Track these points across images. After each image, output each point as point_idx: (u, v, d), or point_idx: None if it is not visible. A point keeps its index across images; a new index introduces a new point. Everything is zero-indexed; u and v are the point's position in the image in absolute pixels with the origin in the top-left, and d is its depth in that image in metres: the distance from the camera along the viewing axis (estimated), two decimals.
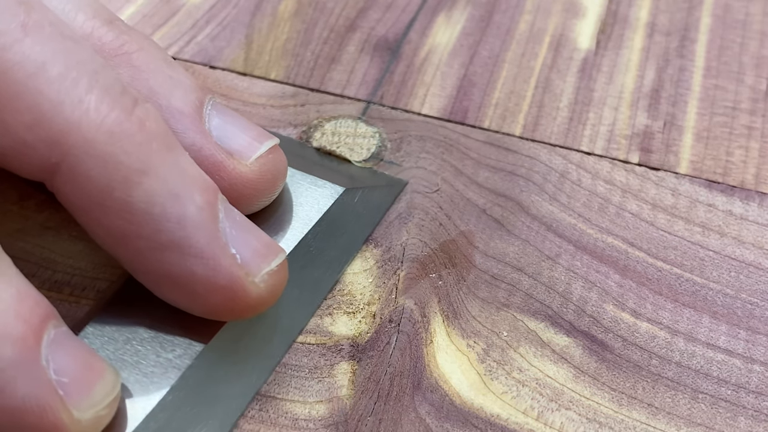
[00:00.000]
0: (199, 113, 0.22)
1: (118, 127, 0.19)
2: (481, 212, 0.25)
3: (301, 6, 0.32)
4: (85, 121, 0.19)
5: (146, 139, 0.19)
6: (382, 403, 0.20)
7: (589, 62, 0.30)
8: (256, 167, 0.22)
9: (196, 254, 0.19)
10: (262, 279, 0.20)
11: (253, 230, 0.20)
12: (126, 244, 0.19)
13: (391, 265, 0.23)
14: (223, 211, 0.20)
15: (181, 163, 0.20)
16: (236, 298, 0.19)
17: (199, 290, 0.19)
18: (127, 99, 0.19)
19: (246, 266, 0.19)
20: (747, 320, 0.23)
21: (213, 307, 0.20)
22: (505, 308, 0.23)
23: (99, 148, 0.19)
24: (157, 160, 0.19)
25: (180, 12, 0.31)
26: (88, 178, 0.19)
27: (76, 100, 0.19)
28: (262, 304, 0.20)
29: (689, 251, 0.24)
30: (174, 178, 0.19)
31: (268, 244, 0.20)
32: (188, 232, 0.19)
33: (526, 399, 0.21)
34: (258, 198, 0.22)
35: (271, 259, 0.20)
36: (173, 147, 0.20)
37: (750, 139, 0.27)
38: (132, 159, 0.19)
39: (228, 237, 0.19)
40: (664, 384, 0.21)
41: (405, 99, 0.28)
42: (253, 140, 0.22)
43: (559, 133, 0.27)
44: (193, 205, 0.19)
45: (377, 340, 0.22)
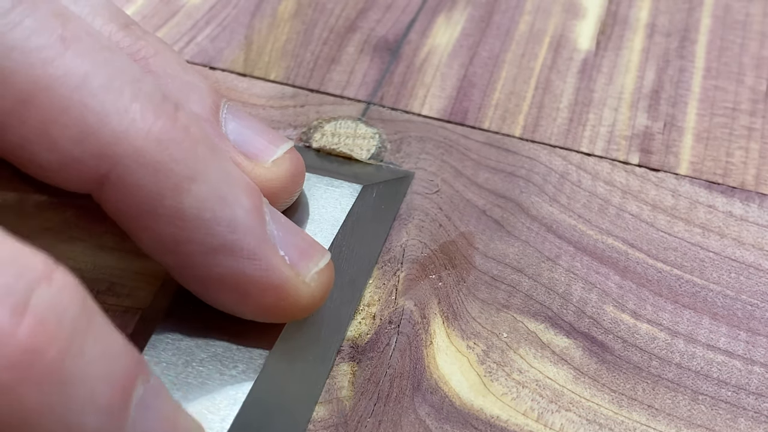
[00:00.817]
0: (216, 117, 0.22)
1: (166, 135, 0.19)
2: (481, 213, 0.25)
3: (301, 7, 0.32)
4: (132, 130, 0.18)
5: (192, 144, 0.19)
6: (382, 405, 0.20)
7: (589, 63, 0.30)
8: (274, 169, 0.22)
9: (248, 256, 0.19)
10: (312, 278, 0.20)
11: (298, 231, 0.21)
12: (177, 250, 0.19)
13: (390, 266, 0.23)
14: (269, 213, 0.20)
15: (226, 166, 0.20)
16: (288, 297, 0.20)
17: (251, 291, 0.19)
18: (169, 105, 0.19)
19: (295, 266, 0.20)
20: (747, 321, 0.23)
21: (266, 309, 0.20)
22: (505, 309, 0.23)
23: (148, 156, 0.18)
24: (204, 165, 0.19)
25: (180, 13, 0.31)
26: (138, 187, 0.19)
27: (122, 110, 0.18)
28: (314, 303, 0.20)
29: (689, 252, 0.24)
30: (221, 182, 0.19)
31: (312, 245, 0.21)
32: (239, 234, 0.19)
33: (526, 400, 0.21)
34: (279, 200, 0.22)
35: (318, 258, 0.20)
36: (216, 151, 0.20)
37: (750, 140, 0.27)
38: (181, 166, 0.19)
39: (276, 238, 0.20)
40: (664, 385, 0.21)
41: (405, 100, 0.28)
42: (270, 143, 0.22)
43: (559, 134, 0.27)
44: (242, 208, 0.19)
45: (377, 341, 0.22)
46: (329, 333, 0.22)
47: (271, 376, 0.20)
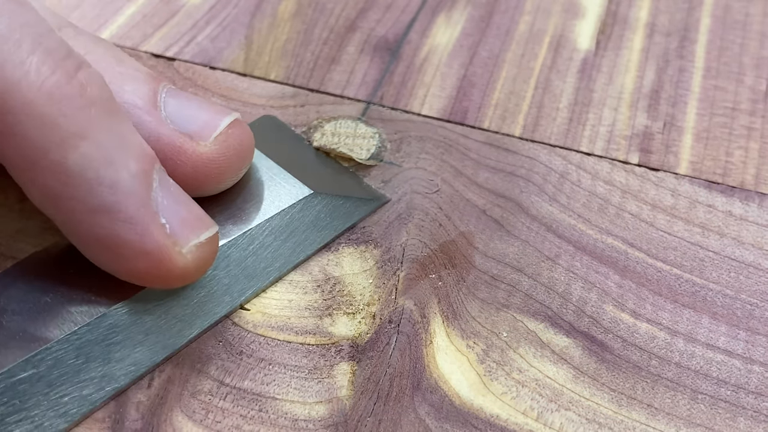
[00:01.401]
0: (152, 103, 0.22)
1: (58, 90, 0.19)
2: (480, 213, 0.25)
3: (301, 7, 0.32)
4: (24, 82, 0.19)
5: (86, 103, 0.19)
6: (382, 404, 0.20)
7: (588, 63, 0.30)
8: (216, 146, 0.22)
9: (126, 219, 0.20)
10: (189, 250, 0.20)
11: (187, 202, 0.21)
12: (59, 205, 0.20)
13: (390, 265, 0.23)
14: (157, 181, 0.20)
15: (119, 129, 0.20)
16: (161, 265, 0.20)
17: (126, 254, 0.20)
18: (70, 63, 0.20)
19: (174, 236, 0.20)
20: (746, 321, 0.23)
21: (138, 273, 0.20)
22: (505, 309, 0.23)
23: (37, 109, 0.19)
24: (95, 126, 0.19)
25: (180, 12, 0.31)
26: (25, 138, 0.19)
27: (17, 61, 0.19)
28: (187, 275, 0.21)
29: (689, 252, 0.24)
30: (110, 144, 0.20)
31: (199, 217, 0.21)
32: (119, 197, 0.19)
33: (525, 399, 0.21)
34: (224, 176, 0.23)
35: (200, 231, 0.21)
36: (114, 113, 0.20)
37: (750, 140, 0.27)
38: (70, 122, 0.19)
39: (159, 206, 0.20)
40: (663, 384, 0.21)
41: (405, 99, 0.28)
42: (211, 119, 0.22)
43: (559, 133, 0.27)
44: (127, 171, 0.20)
45: (377, 340, 0.22)
46: (198, 313, 0.22)
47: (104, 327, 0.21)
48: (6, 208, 0.23)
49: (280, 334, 0.22)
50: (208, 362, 0.21)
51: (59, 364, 0.20)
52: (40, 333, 0.20)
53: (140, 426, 0.20)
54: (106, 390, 0.20)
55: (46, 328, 0.20)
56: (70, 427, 0.20)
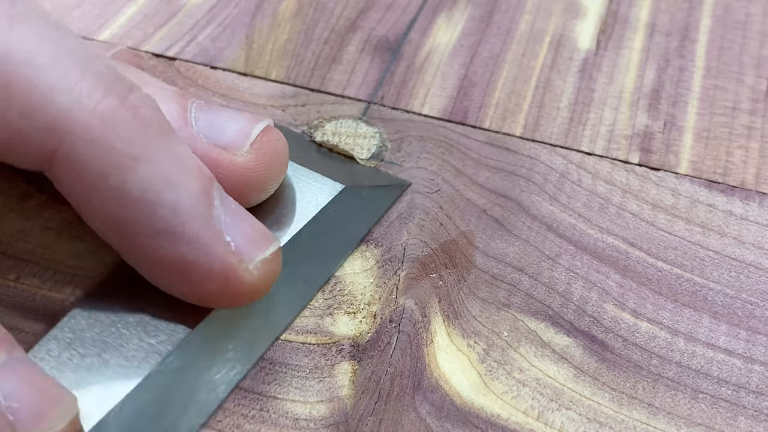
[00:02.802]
0: (183, 119, 0.22)
1: (112, 113, 0.19)
2: (481, 212, 0.25)
3: (302, 6, 0.32)
4: (77, 107, 0.19)
5: (141, 125, 0.19)
6: (383, 403, 0.21)
7: (589, 62, 0.30)
8: (252, 154, 0.22)
9: (190, 240, 0.19)
10: (256, 267, 0.20)
11: (248, 218, 0.20)
12: (121, 230, 0.20)
13: (391, 265, 0.23)
14: (218, 199, 0.20)
15: (176, 150, 0.20)
16: (230, 285, 0.20)
17: (193, 277, 0.20)
18: (121, 85, 0.19)
19: (240, 253, 0.20)
20: (747, 320, 0.23)
21: (206, 294, 0.20)
22: (506, 308, 0.23)
23: (93, 133, 0.19)
24: (151, 147, 0.19)
25: (181, 12, 0.31)
26: (83, 163, 0.19)
27: (67, 87, 0.19)
28: (256, 291, 0.20)
29: (689, 251, 0.24)
30: (169, 164, 0.19)
31: (262, 233, 0.20)
32: (182, 218, 0.19)
33: (526, 399, 0.21)
34: (264, 183, 0.22)
35: (265, 247, 0.20)
36: (168, 134, 0.20)
37: (750, 139, 0.27)
38: (126, 145, 0.19)
39: (222, 224, 0.20)
40: (664, 384, 0.21)
41: (405, 99, 0.28)
42: (243, 127, 0.22)
43: (560, 133, 0.27)
44: (188, 191, 0.19)
45: (378, 340, 0.22)
46: (265, 325, 0.22)
47: (187, 353, 0.20)
48: (6, 208, 0.24)
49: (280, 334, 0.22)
50: None
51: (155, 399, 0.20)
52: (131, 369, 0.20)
53: None
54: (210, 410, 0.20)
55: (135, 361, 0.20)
56: None
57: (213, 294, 0.20)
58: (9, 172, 0.24)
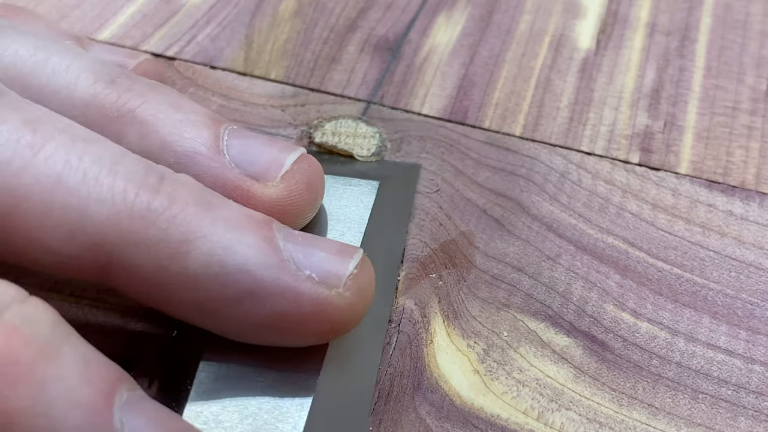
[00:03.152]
0: (215, 148, 0.21)
1: (148, 208, 0.18)
2: (481, 212, 0.25)
3: (302, 6, 0.32)
4: (114, 214, 0.18)
5: (181, 207, 0.19)
6: (383, 403, 0.20)
7: (589, 62, 0.30)
8: (284, 184, 0.21)
9: (272, 293, 0.18)
10: (347, 287, 0.19)
11: (319, 243, 0.20)
12: (203, 310, 0.19)
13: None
14: (281, 239, 0.19)
15: (223, 213, 0.19)
16: (328, 317, 0.19)
17: (289, 325, 0.19)
18: (152, 178, 0.19)
19: (325, 281, 0.19)
20: (747, 320, 0.23)
21: (310, 335, 0.19)
22: (506, 308, 0.23)
23: (137, 235, 0.18)
24: (197, 223, 0.18)
25: (180, 12, 0.31)
26: (138, 267, 0.18)
27: (99, 199, 0.18)
28: (356, 312, 0.19)
29: (689, 251, 0.24)
30: (220, 231, 0.19)
31: (339, 250, 0.20)
32: (254, 275, 0.18)
33: (526, 399, 0.21)
34: (299, 212, 0.22)
35: (347, 262, 0.19)
36: (209, 202, 0.19)
37: (750, 139, 0.27)
38: (171, 233, 0.18)
39: (296, 261, 0.19)
40: (664, 384, 0.21)
41: (405, 99, 0.28)
42: (276, 157, 0.21)
43: (560, 133, 0.27)
44: (249, 247, 0.18)
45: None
46: (371, 338, 0.21)
47: (325, 396, 0.19)
48: None
49: None
50: None
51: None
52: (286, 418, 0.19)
53: None
54: None
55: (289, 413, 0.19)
56: None
57: (316, 332, 0.19)
58: None
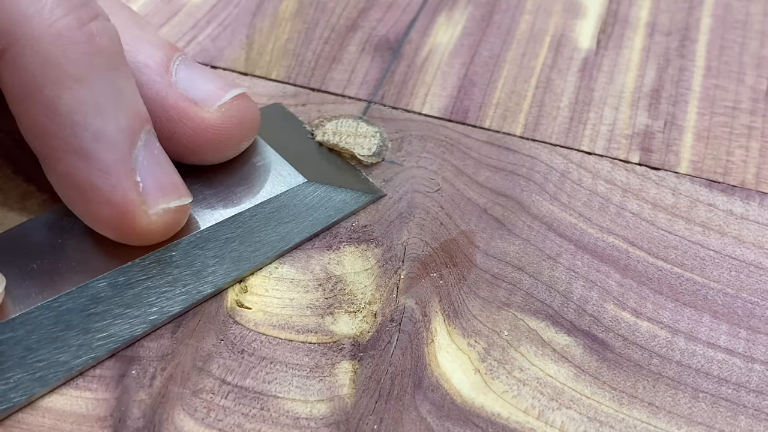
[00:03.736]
0: (164, 67, 0.23)
1: (67, 32, 0.20)
2: (482, 212, 0.25)
3: (302, 6, 0.32)
4: (37, 18, 0.20)
5: (91, 51, 0.20)
6: (383, 402, 0.21)
7: (589, 62, 0.30)
8: (219, 114, 0.23)
9: (102, 168, 0.20)
10: (156, 212, 0.21)
11: (167, 167, 0.21)
12: (44, 140, 0.20)
13: (392, 264, 0.23)
14: (143, 140, 0.21)
15: (118, 83, 0.21)
16: (125, 220, 0.21)
17: (94, 200, 0.21)
18: (86, 10, 0.20)
19: (144, 194, 0.21)
20: (747, 319, 0.23)
21: (101, 221, 0.21)
22: (506, 307, 0.23)
23: (43, 46, 0.20)
24: (94, 74, 0.20)
25: (181, 12, 0.31)
26: (25, 70, 0.20)
27: None
28: (149, 235, 0.21)
29: (690, 251, 0.24)
30: (105, 94, 0.20)
31: (175, 184, 0.21)
32: (100, 146, 0.20)
33: (526, 398, 0.21)
34: (224, 145, 0.23)
35: (172, 197, 0.21)
36: (117, 67, 0.21)
37: (750, 139, 0.27)
38: (70, 65, 0.20)
39: (138, 164, 0.21)
40: (664, 383, 0.21)
41: (406, 99, 0.28)
42: (218, 89, 0.23)
43: (560, 132, 0.27)
44: (114, 124, 0.20)
45: (378, 339, 0.22)
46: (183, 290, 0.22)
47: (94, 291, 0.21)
48: (6, 207, 0.24)
49: (281, 333, 0.22)
50: (210, 361, 0.21)
51: (38, 330, 0.20)
52: (22, 298, 0.20)
53: (142, 424, 0.20)
54: (83, 359, 0.21)
55: (28, 294, 0.21)
56: (45, 392, 0.20)
57: (107, 223, 0.21)
58: (9, 171, 0.24)
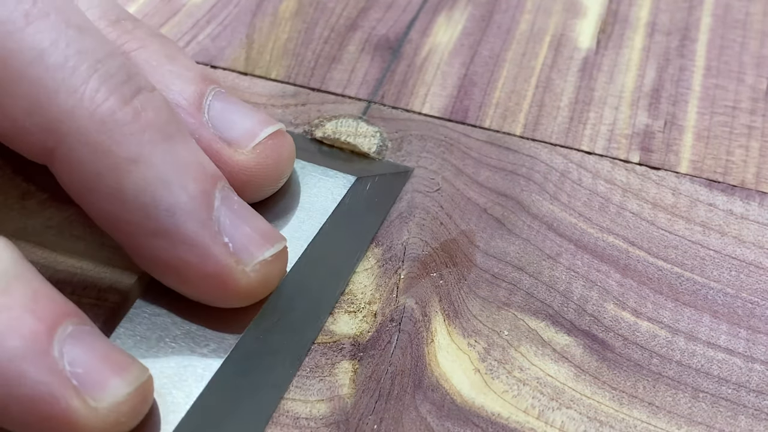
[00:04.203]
0: (197, 105, 0.22)
1: (111, 117, 0.19)
2: (481, 211, 0.25)
3: (302, 6, 0.32)
4: (78, 109, 0.19)
5: (140, 128, 0.19)
6: (383, 402, 0.21)
7: (589, 62, 0.30)
8: (254, 155, 0.22)
9: (186, 241, 0.19)
10: (254, 269, 0.20)
11: (252, 219, 0.21)
12: (120, 228, 0.20)
13: (392, 264, 0.23)
14: (219, 200, 0.20)
15: (177, 151, 0.20)
16: (226, 286, 0.20)
17: (189, 276, 0.20)
18: (127, 88, 0.20)
19: (237, 254, 0.20)
20: (747, 319, 0.23)
21: (204, 293, 0.20)
22: (506, 307, 0.23)
23: (91, 136, 0.19)
24: (150, 149, 0.19)
25: (181, 12, 0.31)
26: (80, 164, 0.19)
27: (71, 88, 0.19)
28: (252, 293, 0.20)
29: (690, 250, 0.24)
30: (167, 166, 0.19)
31: (265, 233, 0.21)
32: (178, 219, 0.19)
33: (526, 398, 0.21)
34: (261, 185, 0.23)
35: (266, 248, 0.20)
36: (171, 135, 0.20)
37: (750, 139, 0.27)
38: (122, 148, 0.19)
39: (221, 225, 0.20)
40: (664, 383, 0.21)
41: (406, 98, 0.28)
42: (253, 127, 0.22)
43: (560, 132, 0.27)
44: (185, 193, 0.19)
45: (378, 339, 0.22)
46: (305, 323, 0.22)
47: (240, 358, 0.20)
48: (6, 207, 0.24)
49: None
50: None
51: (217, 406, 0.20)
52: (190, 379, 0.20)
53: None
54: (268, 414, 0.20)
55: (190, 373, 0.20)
56: None
57: (210, 294, 0.20)
58: (9, 171, 0.24)
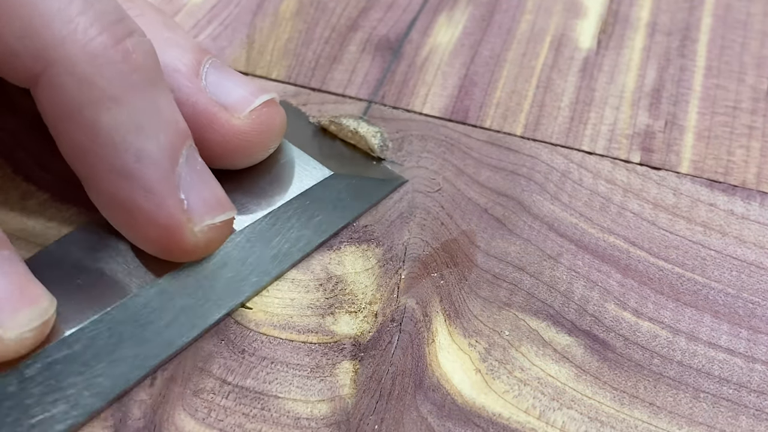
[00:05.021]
0: (194, 71, 0.22)
1: (102, 52, 0.20)
2: (482, 212, 0.25)
3: (303, 6, 0.32)
4: (70, 39, 0.19)
5: (127, 69, 0.20)
6: (384, 402, 0.21)
7: (590, 62, 0.30)
8: (249, 120, 0.23)
9: (145, 188, 0.20)
10: (202, 229, 0.21)
11: (210, 182, 0.21)
12: (85, 161, 0.20)
13: (392, 264, 0.23)
14: (185, 157, 0.21)
15: (157, 100, 0.20)
16: (172, 238, 0.21)
17: (139, 221, 0.20)
18: (120, 27, 0.20)
19: (190, 212, 0.21)
20: (748, 319, 0.23)
21: (148, 241, 0.21)
22: (507, 307, 0.23)
23: (78, 67, 0.19)
24: (133, 92, 0.20)
25: (182, 12, 0.31)
26: (62, 92, 0.20)
27: (66, 18, 0.19)
28: (195, 252, 0.21)
29: (691, 251, 0.24)
30: (145, 112, 0.20)
31: (219, 199, 0.21)
32: (143, 165, 0.20)
33: (527, 398, 0.21)
34: (253, 150, 0.23)
35: (217, 213, 0.21)
36: (155, 83, 0.20)
37: (751, 139, 0.27)
38: (107, 85, 0.20)
39: (182, 181, 0.20)
40: (665, 383, 0.21)
41: (406, 98, 0.28)
42: (249, 94, 0.23)
43: (561, 132, 0.27)
44: (155, 142, 0.20)
45: (379, 339, 0.22)
46: (225, 294, 0.22)
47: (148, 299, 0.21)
48: (7, 207, 0.23)
49: (282, 333, 0.22)
50: (211, 361, 0.21)
51: (93, 344, 0.20)
52: (74, 315, 0.20)
53: (142, 425, 0.20)
54: (141, 368, 0.20)
55: (80, 310, 0.20)
56: (106, 405, 0.20)
57: (153, 243, 0.21)
58: (9, 171, 0.24)
